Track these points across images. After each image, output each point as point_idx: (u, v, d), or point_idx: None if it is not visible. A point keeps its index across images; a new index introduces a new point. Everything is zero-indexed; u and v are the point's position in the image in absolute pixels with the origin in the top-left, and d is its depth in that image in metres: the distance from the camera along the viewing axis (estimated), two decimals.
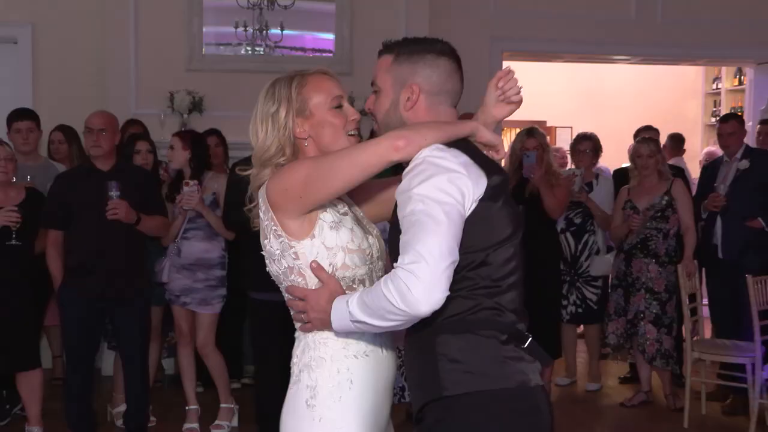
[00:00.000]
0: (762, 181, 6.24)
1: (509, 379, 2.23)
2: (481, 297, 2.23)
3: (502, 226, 2.28)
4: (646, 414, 6.22)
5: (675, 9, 8.07)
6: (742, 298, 5.79)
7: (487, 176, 2.20)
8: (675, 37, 8.13)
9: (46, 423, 5.46)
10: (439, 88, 2.35)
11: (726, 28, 8.15)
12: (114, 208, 4.95)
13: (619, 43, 8.18)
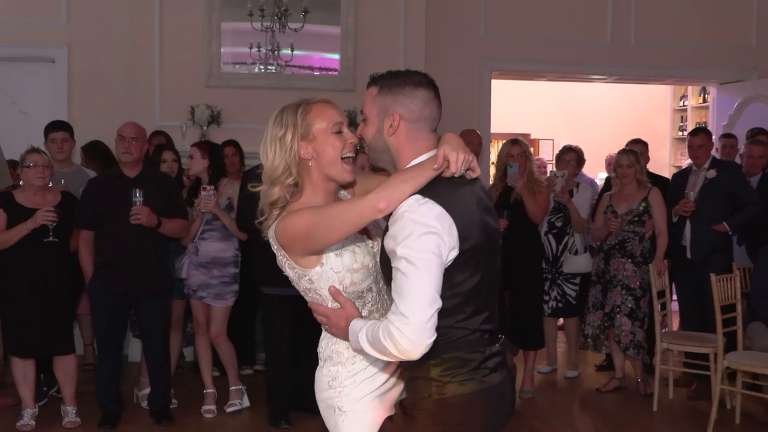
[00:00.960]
0: (727, 190, 6.24)
1: (485, 383, 2.34)
2: (472, 324, 2.34)
3: (485, 262, 2.38)
4: (619, 398, 6.20)
5: (646, 34, 8.06)
6: (706, 295, 5.77)
7: (459, 223, 2.25)
8: (646, 59, 8.12)
9: (79, 404, 5.44)
10: (417, 115, 2.37)
11: (692, 52, 8.16)
12: (136, 213, 4.99)
13: (595, 64, 8.18)
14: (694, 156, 6.45)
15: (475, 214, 2.33)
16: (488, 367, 2.37)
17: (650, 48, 8.08)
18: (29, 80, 7.36)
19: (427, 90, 2.43)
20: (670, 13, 8.06)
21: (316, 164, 2.46)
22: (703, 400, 5.94)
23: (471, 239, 2.27)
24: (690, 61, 8.22)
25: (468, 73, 7.79)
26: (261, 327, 5.91)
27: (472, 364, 2.33)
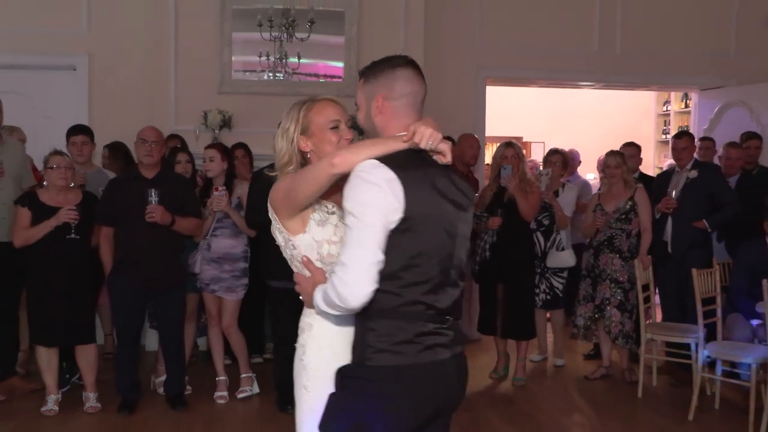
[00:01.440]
0: (707, 190, 6.26)
1: (418, 359, 2.27)
2: (410, 293, 2.26)
3: (430, 236, 2.30)
4: (606, 386, 6.21)
5: (631, 43, 8.06)
6: (687, 288, 5.77)
7: (409, 191, 2.22)
8: (631, 66, 8.12)
9: (99, 391, 5.45)
10: (398, 93, 2.40)
11: (675, 60, 8.15)
12: (151, 212, 5.02)
13: (583, 71, 8.19)
14: (677, 158, 6.46)
15: (430, 194, 2.31)
16: (425, 343, 2.29)
17: (635, 56, 8.08)
18: (52, 87, 7.37)
19: (405, 69, 2.46)
20: (654, 23, 8.06)
21: (315, 156, 2.52)
22: (684, 387, 5.94)
23: (418, 209, 2.23)
24: (673, 69, 8.21)
25: (464, 81, 7.79)
26: (269, 318, 5.94)
27: (407, 335, 2.26)
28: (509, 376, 6.30)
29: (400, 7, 7.32)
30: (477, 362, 6.70)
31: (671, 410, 5.58)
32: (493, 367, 6.41)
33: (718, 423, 5.33)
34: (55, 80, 7.37)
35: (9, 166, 5.60)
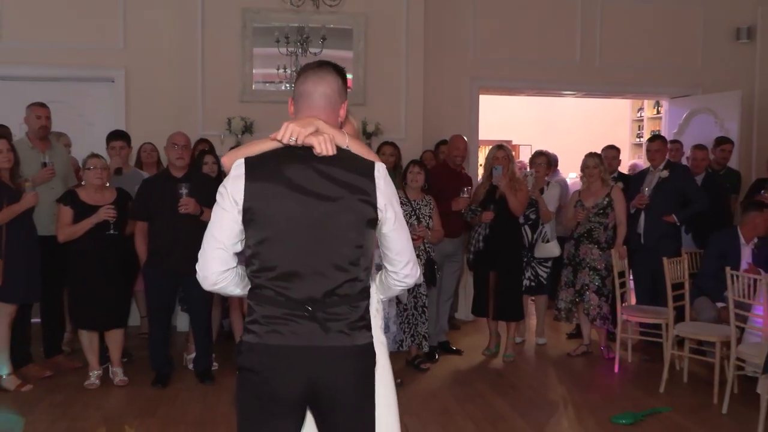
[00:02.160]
0: (677, 188, 6.28)
1: (262, 339, 2.19)
2: (259, 279, 2.21)
3: (271, 225, 2.18)
4: (586, 361, 6.23)
5: (609, 56, 8.06)
6: (658, 275, 5.79)
7: (250, 186, 2.19)
8: (609, 77, 8.12)
9: (135, 367, 5.52)
10: (297, 93, 2.35)
11: (648, 71, 8.14)
12: (185, 204, 5.04)
13: (566, 81, 8.17)
14: (651, 159, 6.48)
15: (277, 187, 2.18)
16: (271, 326, 2.18)
17: (612, 68, 8.07)
18: (93, 97, 7.39)
19: (308, 71, 2.36)
20: (629, 38, 8.05)
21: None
22: (656, 363, 5.96)
23: (258, 202, 2.17)
24: (646, 79, 8.21)
25: (459, 90, 7.79)
26: None
27: (257, 316, 2.20)
28: (500, 353, 6.32)
29: (402, 25, 7.32)
30: (471, 341, 6.74)
31: (644, 383, 5.59)
32: (486, 345, 6.43)
33: (686, 394, 5.35)
34: (96, 91, 7.38)
35: (58, 167, 5.64)
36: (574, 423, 4.77)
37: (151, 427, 4.53)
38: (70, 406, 4.88)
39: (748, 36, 8.08)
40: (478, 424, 4.68)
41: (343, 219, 2.19)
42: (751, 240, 5.40)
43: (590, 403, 5.15)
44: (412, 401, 5.03)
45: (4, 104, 7.11)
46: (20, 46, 7.10)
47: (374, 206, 2.21)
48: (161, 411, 4.83)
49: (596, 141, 7.76)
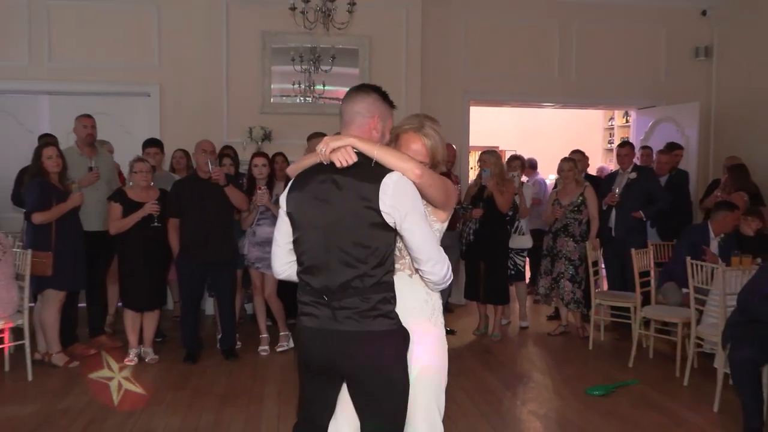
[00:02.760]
0: (643, 188, 6.28)
1: (299, 322, 2.36)
2: (298, 271, 2.36)
3: (300, 228, 2.32)
4: (564, 340, 6.22)
5: (584, 71, 8.02)
6: (627, 264, 5.79)
7: (290, 195, 2.35)
8: (584, 90, 8.09)
9: (167, 346, 5.53)
10: (340, 112, 2.41)
11: (617, 85, 8.11)
12: (215, 173, 5.14)
13: (546, 94, 8.14)
14: (620, 162, 6.48)
15: (305, 196, 2.30)
16: (303, 311, 2.33)
17: (587, 82, 8.04)
18: (132, 109, 7.39)
19: (347, 94, 2.39)
20: (601, 56, 8.01)
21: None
22: (625, 341, 5.94)
23: (292, 208, 2.33)
24: (616, 92, 8.17)
25: (452, 102, 7.77)
26: None
27: (299, 301, 2.35)
28: (488, 333, 6.30)
29: (402, 45, 7.30)
30: (463, 322, 6.72)
31: (615, 359, 5.58)
32: (476, 326, 6.42)
33: (652, 369, 5.33)
34: (134, 104, 7.39)
35: (102, 171, 5.65)
36: (554, 394, 4.76)
37: (183, 398, 4.53)
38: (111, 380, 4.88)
39: (706, 54, 8.05)
40: (469, 395, 4.67)
41: (349, 222, 2.22)
42: (719, 234, 5.38)
43: (567, 376, 5.14)
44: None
45: (56, 116, 7.17)
46: (69, 65, 7.12)
47: (378, 211, 2.19)
48: (191, 384, 4.83)
49: (573, 147, 7.72)
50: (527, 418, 4.32)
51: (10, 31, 7.05)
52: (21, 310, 4.91)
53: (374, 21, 7.15)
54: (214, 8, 7.04)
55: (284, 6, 6.02)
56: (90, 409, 4.31)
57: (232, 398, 4.54)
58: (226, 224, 5.31)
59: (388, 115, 2.40)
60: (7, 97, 7.26)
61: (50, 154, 5.05)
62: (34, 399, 4.50)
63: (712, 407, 4.42)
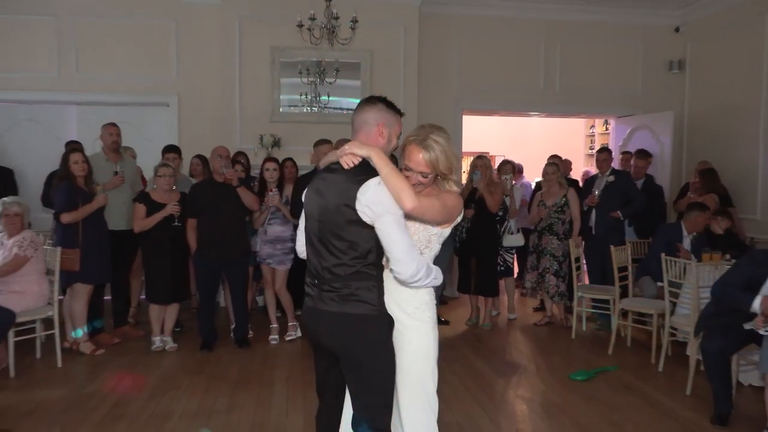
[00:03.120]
0: (621, 190, 6.26)
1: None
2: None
3: (305, 215, 2.48)
4: (548, 330, 6.22)
5: (567, 83, 8.02)
6: (606, 260, 5.79)
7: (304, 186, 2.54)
8: (567, 100, 8.08)
9: (186, 336, 5.51)
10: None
11: (598, 95, 8.11)
12: (230, 175, 5.16)
13: (532, 104, 8.13)
14: (599, 166, 6.47)
15: (309, 190, 2.46)
16: (305, 291, 2.47)
17: (569, 93, 8.04)
18: (152, 117, 7.38)
19: (357, 106, 2.45)
20: (583, 69, 8.01)
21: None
22: (605, 331, 5.95)
23: (303, 198, 2.49)
24: (597, 102, 8.17)
25: (446, 111, 7.77)
26: None
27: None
28: (479, 323, 6.31)
29: (400, 59, 7.29)
30: (456, 314, 6.73)
31: (596, 347, 5.59)
32: (468, 317, 6.43)
33: (630, 356, 5.35)
34: (155, 113, 7.38)
35: (126, 175, 5.67)
36: (539, 380, 4.77)
37: (199, 383, 4.54)
38: (134, 366, 4.90)
39: (679, 67, 8.06)
40: (462, 380, 4.68)
41: (332, 216, 2.31)
42: (692, 233, 5.39)
43: (552, 363, 5.16)
44: None
45: (83, 124, 7.17)
46: (95, 78, 7.12)
47: (354, 209, 2.25)
48: (207, 370, 4.85)
49: (557, 152, 7.73)
50: (515, 401, 4.34)
51: (41, 46, 7.05)
52: (51, 303, 4.93)
53: (375, 37, 7.15)
54: (227, 25, 7.04)
55: (292, 23, 6.03)
56: (115, 393, 4.33)
57: (244, 383, 4.55)
58: (239, 224, 5.31)
59: (394, 122, 2.43)
60: (37, 107, 7.26)
61: (76, 160, 5.07)
62: (63, 384, 4.51)
63: (684, 391, 4.44)
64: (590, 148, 10.84)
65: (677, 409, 4.17)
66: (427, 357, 2.44)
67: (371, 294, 2.31)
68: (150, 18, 7.17)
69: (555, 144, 10.44)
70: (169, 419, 3.90)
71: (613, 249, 5.55)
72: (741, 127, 7.05)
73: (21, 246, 4.74)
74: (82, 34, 7.10)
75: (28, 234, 4.85)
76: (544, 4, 7.77)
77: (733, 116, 7.18)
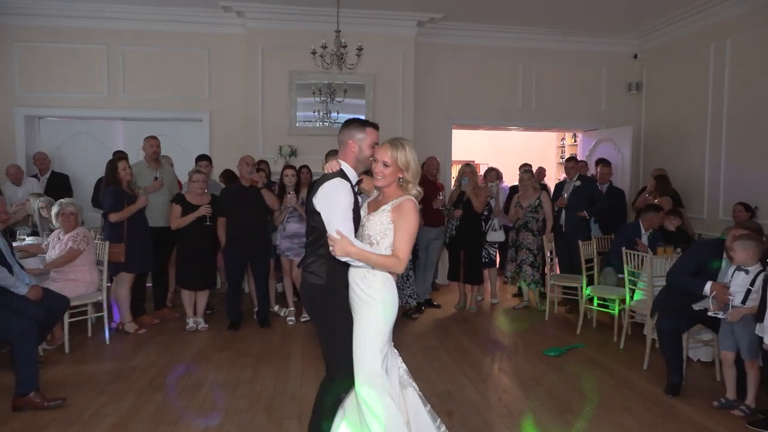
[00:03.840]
0: (586, 192, 6.21)
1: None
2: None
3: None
4: (525, 313, 6.17)
5: (541, 101, 7.97)
6: (574, 253, 5.74)
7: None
8: (541, 116, 8.04)
9: (215, 318, 5.47)
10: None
11: (567, 112, 8.06)
12: (256, 178, 5.22)
13: (512, 119, 8.08)
14: (567, 173, 6.44)
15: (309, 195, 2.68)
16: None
17: (543, 111, 7.99)
18: (187, 131, 7.33)
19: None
20: (555, 90, 7.96)
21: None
22: (574, 314, 5.91)
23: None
24: (566, 118, 8.11)
25: (438, 126, 7.73)
26: None
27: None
28: (466, 307, 6.27)
29: (399, 81, 7.25)
30: (446, 299, 6.69)
31: (566, 328, 5.55)
32: (457, 301, 6.38)
33: (595, 335, 5.30)
34: (189, 127, 7.33)
35: (165, 180, 5.63)
36: (517, 355, 4.73)
37: (227, 358, 4.51)
38: (171, 344, 4.86)
39: (637, 88, 8.01)
40: (451, 355, 4.64)
41: (309, 207, 2.59)
42: (648, 230, 5.35)
43: (528, 341, 5.12)
44: (406, 340, 4.99)
45: (129, 137, 7.14)
46: (139, 97, 7.09)
47: (312, 202, 2.53)
48: (234, 346, 4.82)
49: (532, 161, 7.69)
50: (497, 374, 4.29)
51: (94, 71, 7.02)
52: (100, 289, 4.90)
53: (377, 63, 7.10)
54: (252, 53, 7.00)
55: (307, 51, 5.99)
56: (155, 366, 4.30)
57: (265, 358, 4.52)
58: (262, 222, 5.28)
59: (364, 135, 2.56)
60: (90, 122, 7.23)
61: (123, 167, 5.05)
62: (110, 359, 4.49)
63: (642, 365, 4.40)
64: (561, 157, 10.76)
65: (635, 381, 4.13)
66: (369, 334, 2.42)
67: (322, 269, 2.51)
68: (186, 47, 7.13)
69: (530, 154, 10.39)
70: (200, 388, 3.87)
71: (580, 243, 5.51)
72: (690, 140, 7.00)
73: (75, 240, 4.71)
74: (128, 60, 7.07)
75: (81, 230, 4.82)
76: (521, 34, 7.72)
77: (683, 130, 7.13)
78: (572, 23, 7.48)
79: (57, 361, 4.38)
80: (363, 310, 2.45)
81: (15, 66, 6.89)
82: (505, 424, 3.39)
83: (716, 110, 6.59)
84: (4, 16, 6.80)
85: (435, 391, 3.86)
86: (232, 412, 3.51)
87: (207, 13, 7.00)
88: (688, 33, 7.03)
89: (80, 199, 5.54)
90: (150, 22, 7.01)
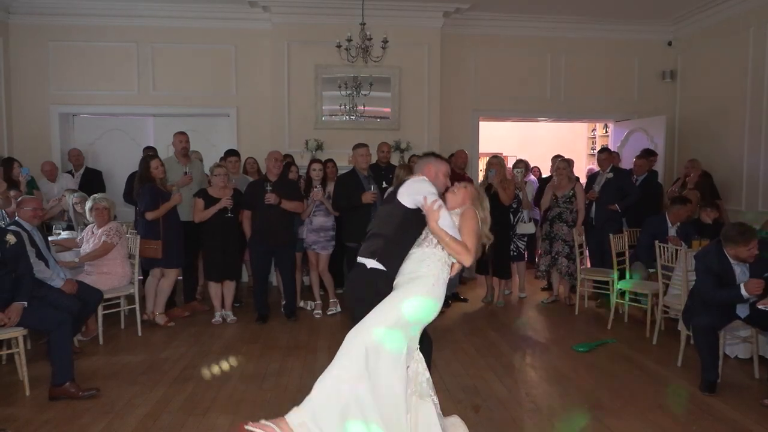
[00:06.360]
0: (618, 185, 6.08)
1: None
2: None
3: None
4: (555, 307, 6.07)
5: (571, 92, 7.84)
6: (605, 246, 5.63)
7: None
8: (570, 107, 7.90)
9: (243, 310, 5.53)
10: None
11: (598, 102, 7.90)
12: (267, 197, 5.11)
13: (540, 111, 7.97)
14: (600, 165, 6.30)
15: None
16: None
17: (573, 101, 7.85)
18: (216, 126, 7.44)
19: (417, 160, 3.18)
20: (585, 80, 7.81)
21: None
22: (604, 309, 5.79)
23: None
24: (597, 108, 7.96)
25: (465, 118, 7.67)
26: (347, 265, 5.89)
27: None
28: (494, 301, 6.21)
29: (425, 74, 7.20)
30: (474, 293, 6.64)
31: (596, 323, 5.45)
32: (484, 295, 6.32)
33: (626, 330, 5.19)
34: (218, 123, 7.44)
35: (194, 174, 5.71)
36: (546, 350, 4.66)
37: (255, 350, 4.56)
38: (200, 336, 4.95)
39: (671, 77, 7.79)
40: (478, 350, 4.61)
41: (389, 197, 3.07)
42: (675, 224, 5.21)
43: (557, 336, 5.04)
44: (433, 334, 4.94)
45: (159, 132, 7.27)
46: (168, 93, 7.21)
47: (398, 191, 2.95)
48: (261, 339, 4.87)
49: (562, 152, 7.55)
50: (524, 369, 4.24)
51: (124, 69, 7.17)
52: (132, 282, 5.01)
53: (403, 55, 7.07)
54: (278, 48, 7.04)
55: (332, 45, 5.99)
56: (185, 357, 4.38)
57: (293, 350, 4.56)
58: (287, 216, 5.29)
59: (440, 164, 3.10)
60: (121, 118, 7.39)
61: (157, 165, 5.15)
62: (142, 350, 4.59)
63: (676, 362, 4.28)
64: (592, 148, 10.57)
65: (669, 378, 4.03)
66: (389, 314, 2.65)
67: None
68: (213, 43, 7.22)
69: (560, 145, 10.22)
70: (229, 380, 3.93)
71: (611, 237, 5.39)
72: (727, 129, 6.77)
73: (108, 234, 4.83)
74: (157, 58, 7.19)
75: (114, 225, 4.93)
76: (550, 23, 7.58)
77: (719, 119, 6.91)
78: (603, 11, 7.30)
79: (91, 352, 4.50)
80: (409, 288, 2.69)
81: (50, 65, 7.09)
82: (531, 419, 3.35)
83: (755, 97, 6.36)
84: (40, 16, 6.99)
85: (462, 385, 3.83)
86: (260, 403, 3.55)
87: (233, 9, 7.07)
88: (726, 18, 6.79)
89: (113, 195, 5.66)
90: (177, 19, 7.12)
